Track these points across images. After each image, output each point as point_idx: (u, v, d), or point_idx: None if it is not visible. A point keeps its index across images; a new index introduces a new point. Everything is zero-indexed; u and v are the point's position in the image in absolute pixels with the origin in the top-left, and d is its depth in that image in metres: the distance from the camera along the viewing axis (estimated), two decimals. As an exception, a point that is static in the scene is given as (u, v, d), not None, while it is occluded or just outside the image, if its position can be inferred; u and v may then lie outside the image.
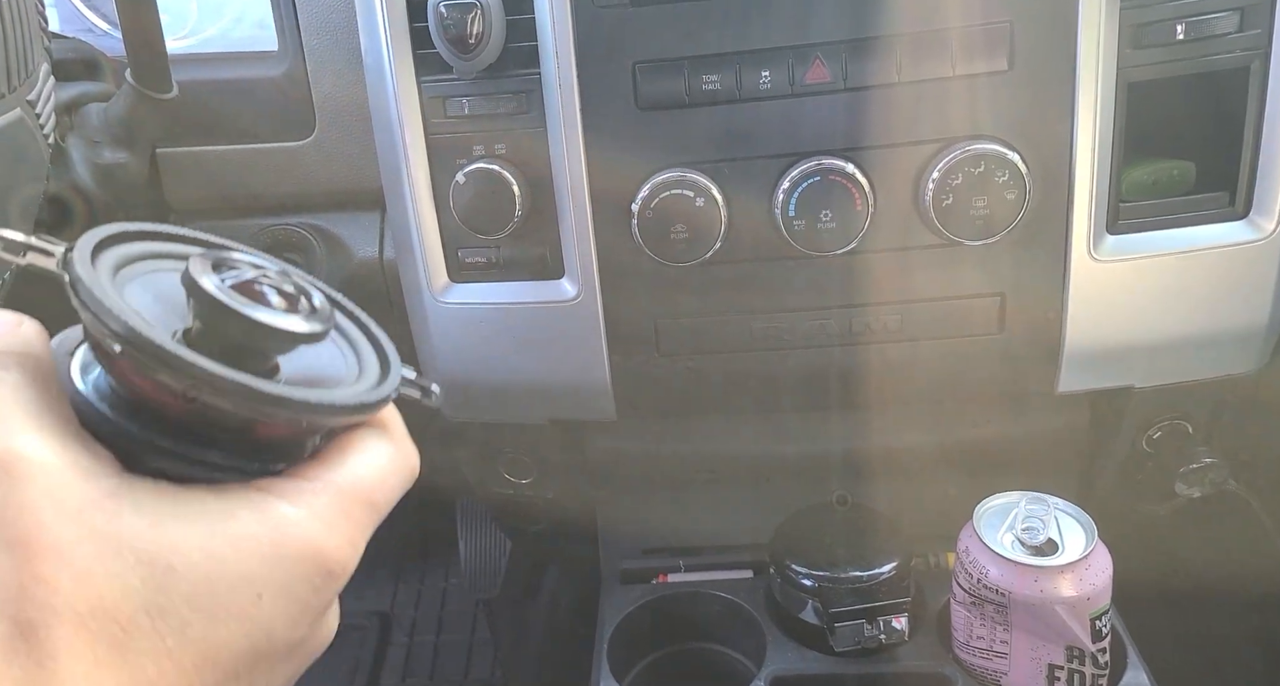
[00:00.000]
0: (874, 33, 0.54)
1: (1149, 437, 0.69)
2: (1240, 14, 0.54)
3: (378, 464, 0.30)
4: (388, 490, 0.30)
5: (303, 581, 0.27)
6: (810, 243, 0.57)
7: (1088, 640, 0.59)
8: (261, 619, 0.26)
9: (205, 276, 0.26)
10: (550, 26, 0.56)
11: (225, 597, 0.25)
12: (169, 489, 0.26)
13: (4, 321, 0.28)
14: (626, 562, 0.79)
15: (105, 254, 0.28)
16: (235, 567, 0.25)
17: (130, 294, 0.27)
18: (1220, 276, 0.59)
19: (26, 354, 0.27)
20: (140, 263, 0.29)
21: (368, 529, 0.29)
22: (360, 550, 0.29)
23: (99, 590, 0.24)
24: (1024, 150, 0.55)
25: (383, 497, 0.30)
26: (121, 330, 0.25)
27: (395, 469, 0.31)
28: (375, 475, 0.30)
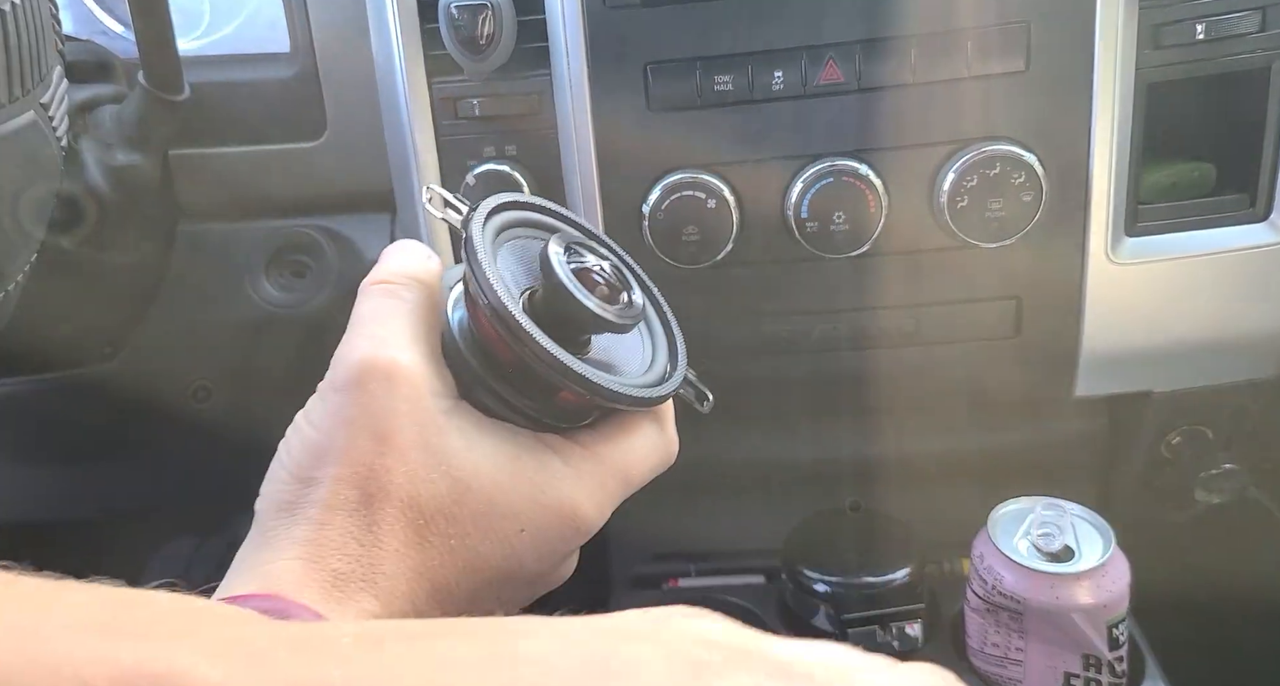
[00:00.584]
0: (888, 33, 0.54)
1: (1168, 443, 0.68)
2: (1261, 14, 0.54)
3: (642, 445, 0.35)
4: (644, 470, 0.35)
5: (555, 528, 0.32)
6: (823, 245, 0.56)
7: (1105, 648, 0.58)
8: (518, 548, 0.31)
9: (556, 257, 0.32)
10: (561, 27, 0.56)
11: (498, 523, 0.31)
12: (484, 422, 0.32)
13: (419, 253, 0.36)
14: (637, 567, 0.79)
15: (496, 218, 0.35)
16: (511, 501, 0.31)
17: (503, 254, 0.34)
18: (1241, 279, 0.58)
19: (426, 284, 0.34)
20: (519, 228, 0.36)
21: (618, 498, 0.34)
22: (606, 515, 0.33)
23: (418, 488, 0.30)
24: (1040, 152, 0.54)
25: (638, 475, 0.35)
26: (485, 289, 0.31)
27: (656, 453, 0.35)
28: (637, 456, 0.34)
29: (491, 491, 0.31)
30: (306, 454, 0.31)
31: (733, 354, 0.62)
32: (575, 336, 0.34)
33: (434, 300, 0.34)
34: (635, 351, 0.36)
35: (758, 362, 0.63)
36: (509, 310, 0.31)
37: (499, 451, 0.31)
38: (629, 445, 0.34)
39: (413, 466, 0.30)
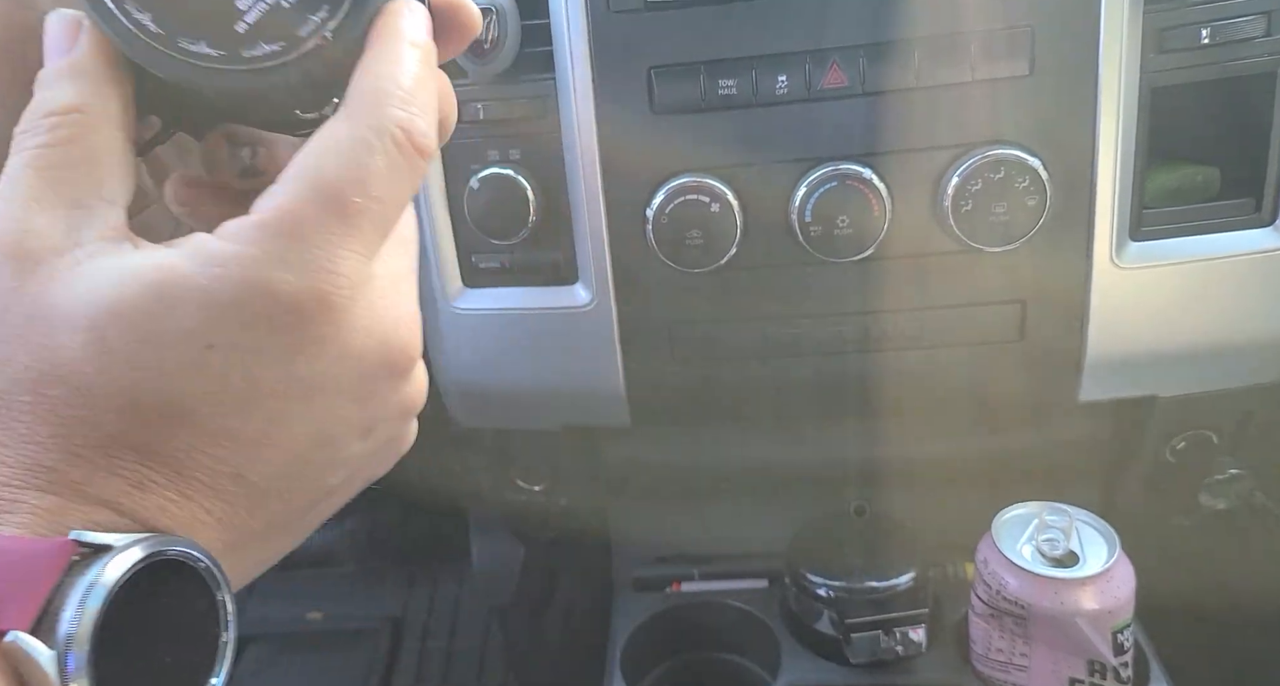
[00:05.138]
0: (892, 36, 0.54)
1: (1173, 448, 0.68)
2: (1267, 18, 0.54)
3: (326, 156, 0.25)
4: (349, 182, 0.25)
5: (261, 324, 0.24)
6: (827, 248, 0.56)
7: (1109, 654, 0.58)
8: (217, 366, 0.24)
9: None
10: (565, 31, 0.56)
11: (168, 353, 0.23)
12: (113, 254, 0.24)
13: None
14: (640, 570, 0.79)
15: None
16: (174, 323, 0.23)
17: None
18: (1246, 284, 0.58)
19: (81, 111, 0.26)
20: None
21: (348, 239, 0.24)
22: (347, 271, 0.24)
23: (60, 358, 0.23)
24: (1045, 155, 0.54)
25: (349, 190, 0.24)
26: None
27: (357, 147, 0.25)
28: (326, 174, 0.24)
29: (143, 324, 0.23)
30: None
31: (736, 357, 0.62)
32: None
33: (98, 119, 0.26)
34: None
35: (761, 366, 0.63)
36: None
37: (136, 276, 0.24)
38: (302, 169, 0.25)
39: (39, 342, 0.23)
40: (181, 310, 0.23)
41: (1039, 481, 0.71)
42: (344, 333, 0.25)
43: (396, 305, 0.27)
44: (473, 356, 0.65)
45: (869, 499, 0.73)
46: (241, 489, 0.25)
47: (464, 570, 1.10)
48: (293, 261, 0.24)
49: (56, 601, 0.22)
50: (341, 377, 0.26)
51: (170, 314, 0.23)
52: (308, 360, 0.25)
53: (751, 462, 0.78)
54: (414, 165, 0.26)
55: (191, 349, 0.23)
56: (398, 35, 0.26)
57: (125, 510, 0.24)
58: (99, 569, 0.22)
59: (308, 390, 0.25)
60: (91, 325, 0.23)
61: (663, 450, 0.78)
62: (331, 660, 1.13)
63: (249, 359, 0.24)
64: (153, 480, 0.24)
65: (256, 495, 0.26)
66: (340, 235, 0.24)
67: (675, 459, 0.78)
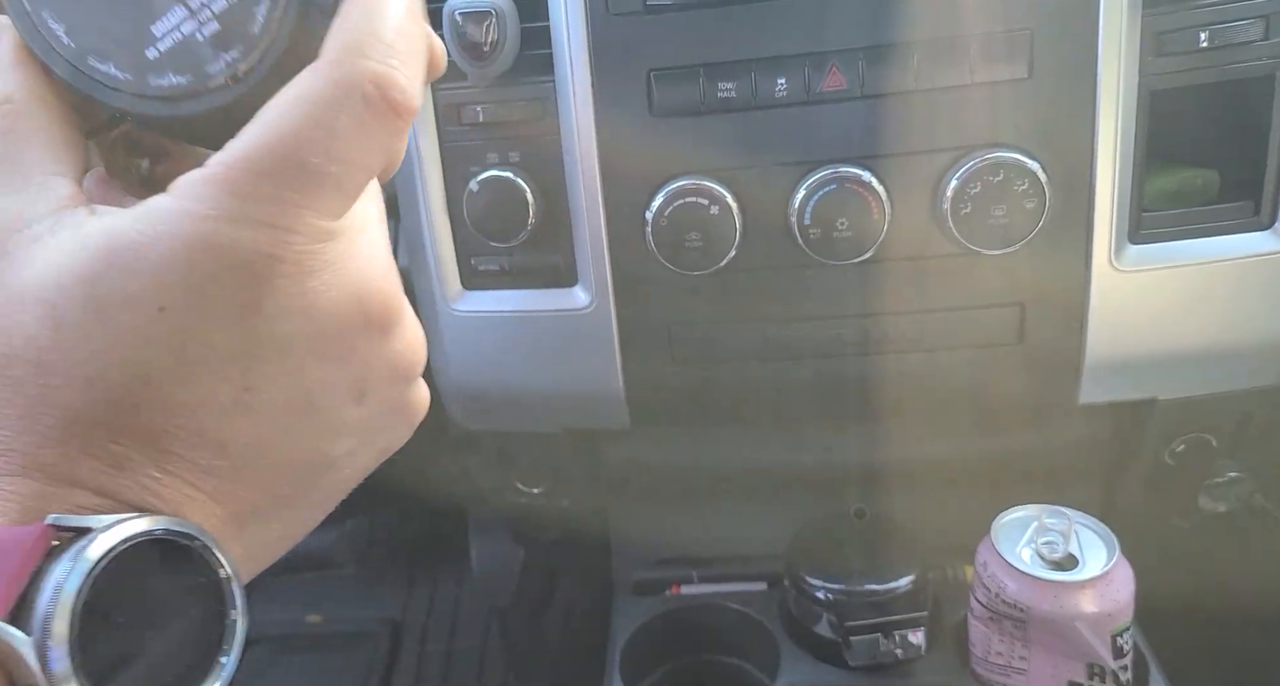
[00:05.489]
0: (891, 39, 0.54)
1: (1172, 450, 0.68)
2: (1265, 22, 0.54)
3: (287, 111, 0.23)
4: (307, 141, 0.23)
5: (210, 283, 0.23)
6: (826, 251, 0.56)
7: (1109, 657, 0.57)
8: (172, 330, 0.23)
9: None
10: (565, 34, 0.56)
11: (120, 321, 0.22)
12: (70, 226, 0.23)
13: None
14: (639, 573, 0.79)
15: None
16: (122, 288, 0.22)
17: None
18: (1245, 287, 0.58)
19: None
20: None
21: (303, 199, 0.23)
22: (301, 228, 0.23)
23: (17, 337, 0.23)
24: (1044, 158, 0.54)
25: (307, 148, 0.23)
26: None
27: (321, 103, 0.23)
28: (282, 132, 0.23)
29: (91, 294, 0.22)
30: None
31: (736, 359, 0.62)
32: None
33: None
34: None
35: (761, 368, 0.63)
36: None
37: (84, 245, 0.23)
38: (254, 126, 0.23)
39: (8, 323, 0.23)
40: (129, 274, 0.22)
41: (1038, 484, 0.70)
42: (307, 291, 0.24)
43: (368, 258, 0.26)
44: (472, 359, 0.65)
45: (868, 501, 0.73)
46: (226, 460, 0.24)
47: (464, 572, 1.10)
48: (240, 218, 0.23)
49: (34, 588, 0.21)
50: (314, 337, 0.25)
51: (118, 279, 0.22)
52: (267, 320, 0.24)
53: (751, 465, 0.77)
54: (388, 124, 0.24)
55: (142, 314, 0.22)
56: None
57: (107, 491, 0.23)
58: (75, 552, 0.21)
59: (276, 351, 0.24)
60: (43, 299, 0.23)
61: (662, 452, 0.78)
62: (331, 662, 1.13)
63: (202, 321, 0.23)
64: (129, 458, 0.23)
65: (245, 465, 0.25)
66: (295, 194, 0.23)
67: (675, 461, 0.78)
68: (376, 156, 0.25)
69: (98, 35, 0.25)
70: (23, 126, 0.25)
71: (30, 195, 0.24)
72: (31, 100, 0.25)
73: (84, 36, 0.25)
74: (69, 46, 0.25)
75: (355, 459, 0.28)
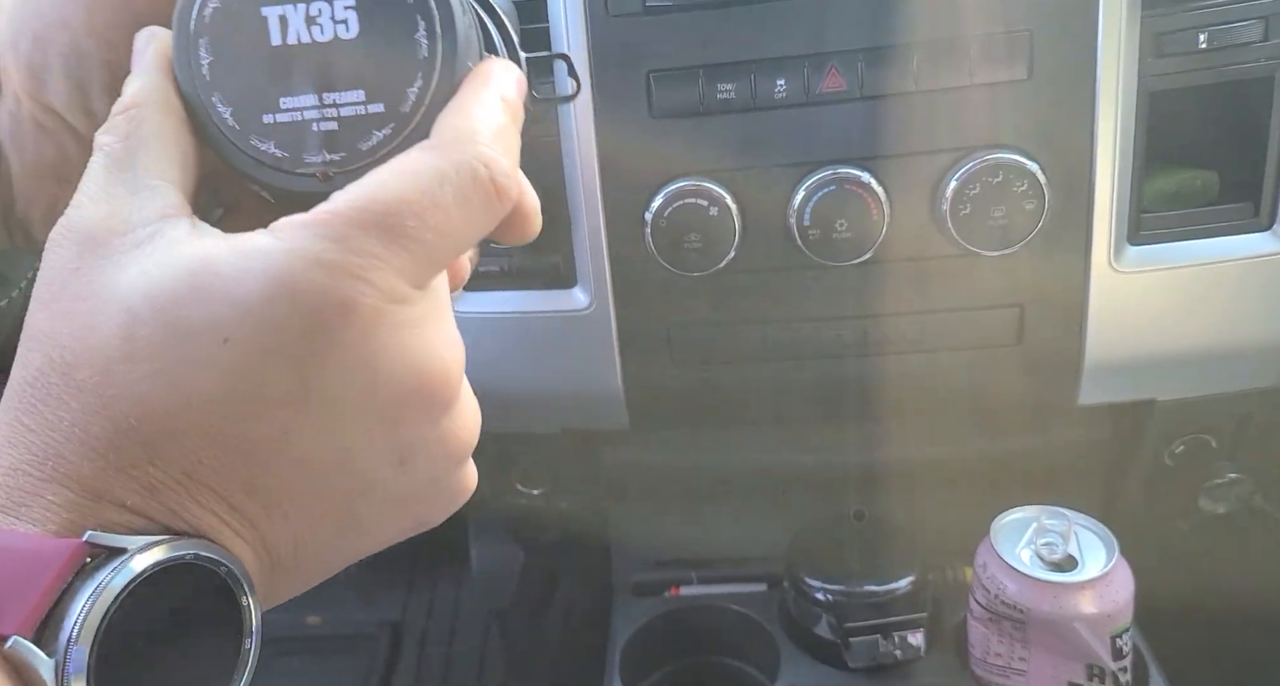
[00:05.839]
0: (890, 41, 0.54)
1: (1172, 452, 0.68)
2: (1264, 23, 0.54)
3: (395, 175, 0.24)
4: (409, 205, 0.24)
5: (279, 322, 0.23)
6: (825, 252, 0.56)
7: (1108, 658, 0.57)
8: (231, 363, 0.23)
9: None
10: (565, 35, 0.56)
11: (187, 344, 0.23)
12: (169, 236, 0.24)
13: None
14: (639, 574, 0.79)
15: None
16: (199, 313, 0.23)
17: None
18: (1244, 288, 0.58)
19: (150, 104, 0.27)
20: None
21: (390, 257, 0.24)
22: (380, 284, 0.24)
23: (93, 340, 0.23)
24: (1043, 160, 0.54)
25: (407, 211, 0.24)
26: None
27: (430, 175, 0.24)
28: (387, 192, 0.24)
29: (170, 310, 0.23)
30: None
31: (735, 360, 0.62)
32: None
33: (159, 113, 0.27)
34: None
35: (760, 369, 0.63)
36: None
37: (178, 262, 0.23)
38: (367, 185, 0.24)
39: (82, 322, 0.23)
40: (208, 300, 0.23)
41: (1038, 485, 0.70)
42: (370, 348, 0.24)
43: (437, 331, 0.26)
44: (471, 359, 0.64)
45: (868, 502, 0.73)
46: (257, 503, 0.24)
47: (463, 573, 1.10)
48: (325, 262, 0.23)
49: (63, 606, 0.21)
50: (366, 397, 0.24)
51: (196, 303, 0.23)
52: (325, 371, 0.24)
53: (751, 466, 0.77)
54: (490, 205, 0.25)
55: (207, 341, 0.23)
56: (490, 85, 0.27)
57: (139, 510, 0.23)
58: (107, 573, 0.21)
59: (325, 403, 0.24)
60: (126, 307, 0.23)
61: (662, 453, 0.77)
62: (330, 664, 1.13)
63: (263, 360, 0.23)
64: (162, 482, 0.23)
65: (274, 512, 0.25)
66: (384, 251, 0.24)
67: (674, 462, 0.78)
68: (470, 233, 0.26)
69: (234, 81, 0.27)
70: (145, 131, 0.26)
71: (140, 199, 0.25)
72: (158, 108, 0.27)
73: (221, 75, 0.27)
74: (205, 79, 0.27)
75: (386, 525, 0.28)
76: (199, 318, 0.23)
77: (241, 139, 0.27)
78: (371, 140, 0.26)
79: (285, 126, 0.26)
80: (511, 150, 0.27)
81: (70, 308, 0.24)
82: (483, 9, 0.30)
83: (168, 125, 0.27)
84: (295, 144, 0.26)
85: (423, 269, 0.25)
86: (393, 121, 0.26)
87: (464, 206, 0.25)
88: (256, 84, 0.26)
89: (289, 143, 0.26)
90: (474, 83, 0.27)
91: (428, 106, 0.26)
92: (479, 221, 0.26)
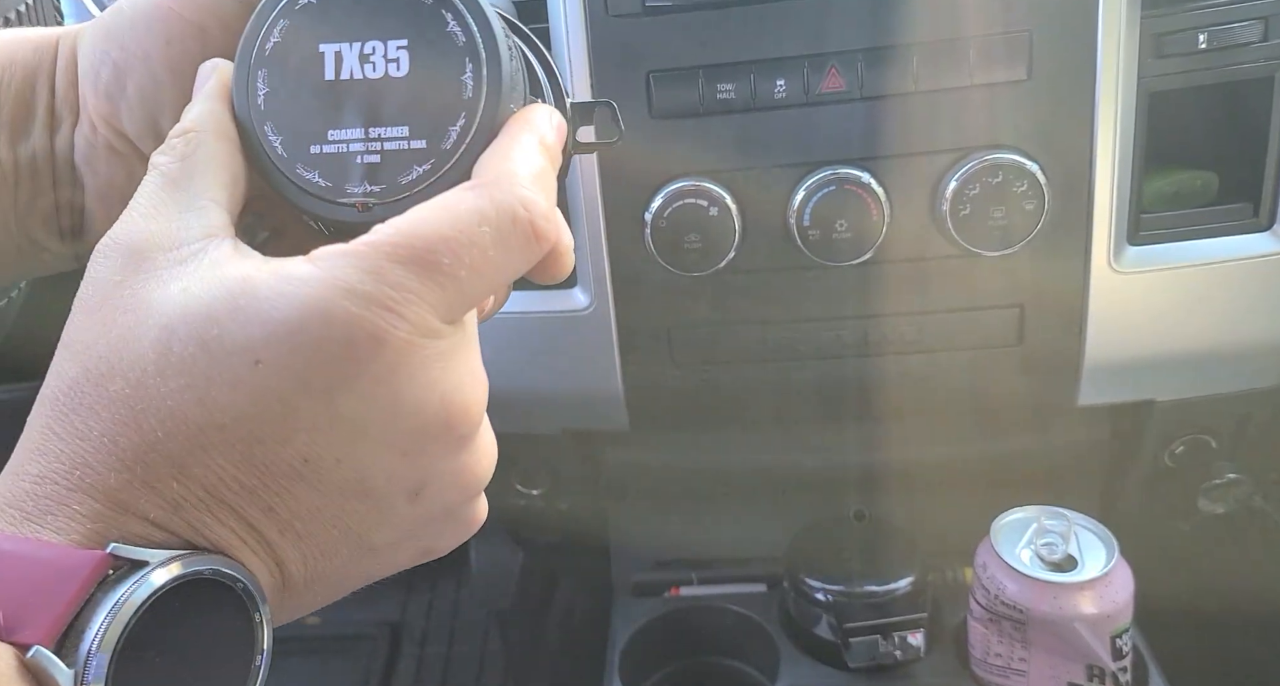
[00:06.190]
0: (890, 41, 0.54)
1: (1171, 452, 0.68)
2: (1264, 23, 0.54)
3: (435, 212, 0.25)
4: (446, 241, 0.24)
5: (309, 348, 0.23)
6: (825, 253, 0.56)
7: (1108, 658, 0.57)
8: (261, 385, 0.23)
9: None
10: (564, 35, 0.56)
11: (220, 363, 0.23)
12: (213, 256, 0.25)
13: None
14: (639, 575, 0.79)
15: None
16: (234, 333, 0.23)
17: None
18: (1244, 289, 0.58)
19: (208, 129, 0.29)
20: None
21: (423, 292, 0.24)
22: (411, 317, 0.24)
23: (129, 353, 0.24)
24: (1043, 160, 0.54)
25: (444, 248, 0.24)
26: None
27: (469, 214, 0.25)
28: (426, 228, 0.24)
29: (204, 329, 0.23)
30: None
31: (735, 361, 0.62)
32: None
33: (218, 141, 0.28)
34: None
35: (760, 370, 0.63)
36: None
37: (221, 283, 0.24)
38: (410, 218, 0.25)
39: (116, 332, 0.24)
40: (244, 323, 0.23)
41: (1037, 485, 0.70)
42: (397, 380, 0.24)
43: (464, 366, 0.26)
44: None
45: (868, 503, 0.73)
46: (274, 523, 0.25)
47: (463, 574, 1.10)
48: (360, 293, 0.23)
49: (84, 617, 0.22)
50: (389, 428, 0.25)
51: (232, 325, 0.23)
52: (351, 400, 0.24)
53: (750, 466, 0.77)
54: (528, 247, 0.26)
55: (239, 362, 0.23)
56: (532, 129, 0.28)
57: (161, 524, 0.23)
58: (129, 586, 0.22)
59: (348, 432, 0.24)
60: (164, 323, 0.24)
61: (662, 454, 0.77)
62: (329, 665, 1.13)
63: (291, 384, 0.23)
64: (185, 498, 0.23)
65: (290, 533, 0.25)
66: (419, 285, 0.24)
67: (674, 462, 0.78)
68: (506, 273, 0.26)
69: (286, 112, 0.28)
70: (200, 154, 0.27)
71: (189, 218, 0.26)
72: (214, 133, 0.28)
73: (275, 105, 0.28)
74: (260, 109, 0.28)
75: (397, 552, 0.28)
76: (233, 337, 0.23)
77: (289, 167, 0.28)
78: (411, 174, 0.27)
79: (331, 157, 0.28)
80: (550, 193, 0.27)
81: (110, 319, 0.24)
82: (532, 53, 0.31)
83: (221, 150, 0.28)
84: (339, 174, 0.28)
85: (455, 305, 0.25)
86: (433, 157, 0.27)
87: (501, 246, 0.25)
88: (307, 115, 0.28)
89: (333, 173, 0.28)
90: (516, 125, 0.28)
91: (468, 145, 0.27)
92: (515, 261, 0.26)
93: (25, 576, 0.22)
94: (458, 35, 0.27)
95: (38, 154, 0.33)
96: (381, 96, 0.27)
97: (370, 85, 0.27)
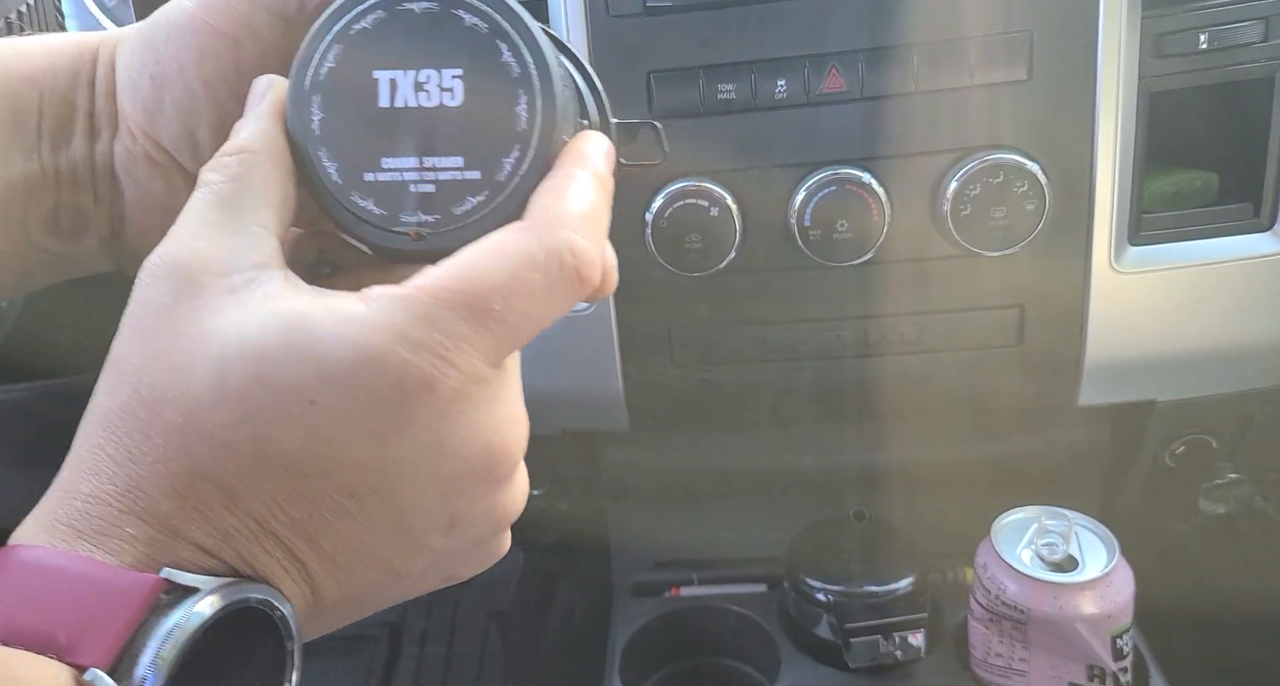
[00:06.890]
0: (891, 42, 0.54)
1: (1172, 452, 0.68)
2: (1265, 24, 0.54)
3: (488, 256, 0.25)
4: (498, 288, 0.25)
5: (363, 392, 0.24)
6: (826, 253, 0.56)
7: (1109, 659, 0.57)
8: (314, 423, 0.24)
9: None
10: (565, 36, 0.56)
11: (275, 399, 0.24)
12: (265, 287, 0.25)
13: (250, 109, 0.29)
14: (639, 575, 0.79)
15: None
16: (290, 372, 0.24)
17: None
18: (1245, 289, 0.58)
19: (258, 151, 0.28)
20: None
21: (474, 338, 0.24)
22: (462, 365, 0.24)
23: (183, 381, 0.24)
24: (1043, 160, 0.54)
25: (495, 294, 0.24)
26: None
27: (521, 259, 0.25)
28: (478, 272, 0.25)
29: (260, 366, 0.24)
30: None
31: (736, 361, 0.62)
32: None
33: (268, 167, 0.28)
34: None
35: (761, 370, 0.63)
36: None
37: (275, 319, 0.24)
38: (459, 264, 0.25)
39: (169, 359, 0.24)
40: (300, 360, 0.24)
41: (1038, 486, 0.70)
42: (445, 425, 0.25)
43: (507, 409, 0.27)
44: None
45: (868, 503, 0.73)
46: (315, 554, 0.25)
47: (462, 575, 1.10)
48: (412, 340, 0.24)
49: (138, 641, 0.22)
50: (433, 471, 0.26)
51: (288, 361, 0.24)
52: (399, 443, 0.25)
53: (751, 467, 0.77)
54: (573, 292, 0.26)
55: (294, 400, 0.24)
56: (585, 163, 0.28)
57: (211, 551, 0.24)
58: (183, 612, 0.22)
59: (393, 473, 0.25)
60: (219, 355, 0.24)
61: (662, 454, 0.77)
62: (329, 666, 1.12)
63: (342, 425, 0.24)
64: (234, 527, 0.24)
65: (329, 564, 0.26)
66: (469, 331, 0.24)
67: (674, 463, 0.78)
68: (551, 315, 0.26)
69: (341, 138, 0.28)
70: (254, 177, 0.27)
71: (239, 243, 0.26)
72: (268, 156, 0.28)
73: (329, 131, 0.28)
74: (315, 134, 0.28)
75: (423, 579, 0.29)
76: (289, 375, 0.24)
77: (343, 194, 0.28)
78: (466, 205, 0.27)
79: (385, 185, 0.28)
80: (599, 229, 0.28)
81: (163, 346, 0.25)
82: (579, 74, 0.32)
83: (275, 174, 0.27)
84: (393, 203, 0.28)
85: (503, 349, 0.25)
86: (487, 189, 0.27)
87: (548, 291, 0.26)
88: (362, 142, 0.28)
89: (387, 201, 0.28)
90: (569, 158, 0.28)
91: (522, 177, 0.27)
92: (560, 305, 0.26)
93: (82, 595, 0.22)
94: (512, 66, 0.27)
95: (78, 162, 0.34)
96: (436, 126, 0.27)
97: (425, 114, 0.27)
